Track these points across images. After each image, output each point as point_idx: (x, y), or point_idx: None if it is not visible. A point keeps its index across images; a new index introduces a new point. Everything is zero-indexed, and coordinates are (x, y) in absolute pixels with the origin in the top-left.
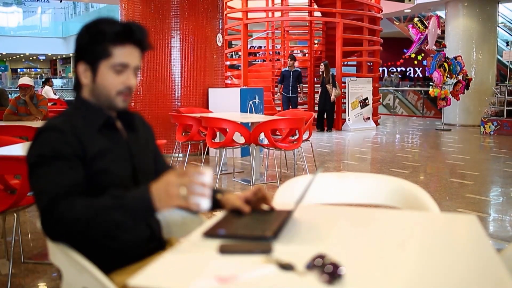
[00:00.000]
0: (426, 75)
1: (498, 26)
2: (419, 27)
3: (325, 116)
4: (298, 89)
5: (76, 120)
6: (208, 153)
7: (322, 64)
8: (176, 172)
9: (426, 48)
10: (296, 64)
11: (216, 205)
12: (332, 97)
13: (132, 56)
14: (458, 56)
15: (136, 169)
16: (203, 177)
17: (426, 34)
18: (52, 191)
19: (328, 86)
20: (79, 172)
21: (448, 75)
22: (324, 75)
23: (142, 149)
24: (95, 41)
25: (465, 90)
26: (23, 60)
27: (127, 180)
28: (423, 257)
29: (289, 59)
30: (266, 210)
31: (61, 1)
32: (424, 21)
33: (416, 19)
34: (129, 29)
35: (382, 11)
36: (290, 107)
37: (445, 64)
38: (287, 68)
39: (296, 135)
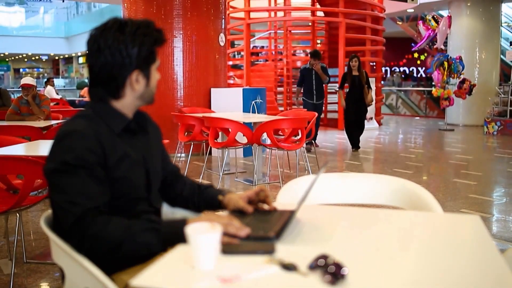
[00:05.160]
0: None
1: (502, 26)
2: (432, 24)
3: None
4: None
5: (99, 125)
6: (210, 153)
7: (354, 58)
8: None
9: (435, 46)
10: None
11: (218, 205)
12: (370, 101)
13: None
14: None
15: (149, 172)
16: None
17: (436, 32)
18: (84, 204)
19: (366, 90)
20: (105, 182)
21: (451, 75)
22: (354, 74)
23: (153, 151)
24: (149, 48)
25: (467, 95)
26: (26, 60)
27: (141, 186)
28: (426, 258)
29: (311, 58)
30: (269, 210)
31: (63, 1)
32: (437, 18)
33: (429, 16)
34: (163, 33)
35: (385, 11)
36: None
37: (445, 63)
38: (307, 66)
39: (298, 135)
